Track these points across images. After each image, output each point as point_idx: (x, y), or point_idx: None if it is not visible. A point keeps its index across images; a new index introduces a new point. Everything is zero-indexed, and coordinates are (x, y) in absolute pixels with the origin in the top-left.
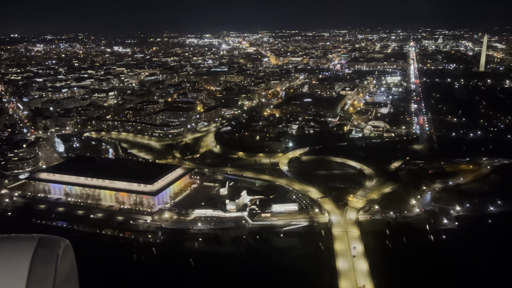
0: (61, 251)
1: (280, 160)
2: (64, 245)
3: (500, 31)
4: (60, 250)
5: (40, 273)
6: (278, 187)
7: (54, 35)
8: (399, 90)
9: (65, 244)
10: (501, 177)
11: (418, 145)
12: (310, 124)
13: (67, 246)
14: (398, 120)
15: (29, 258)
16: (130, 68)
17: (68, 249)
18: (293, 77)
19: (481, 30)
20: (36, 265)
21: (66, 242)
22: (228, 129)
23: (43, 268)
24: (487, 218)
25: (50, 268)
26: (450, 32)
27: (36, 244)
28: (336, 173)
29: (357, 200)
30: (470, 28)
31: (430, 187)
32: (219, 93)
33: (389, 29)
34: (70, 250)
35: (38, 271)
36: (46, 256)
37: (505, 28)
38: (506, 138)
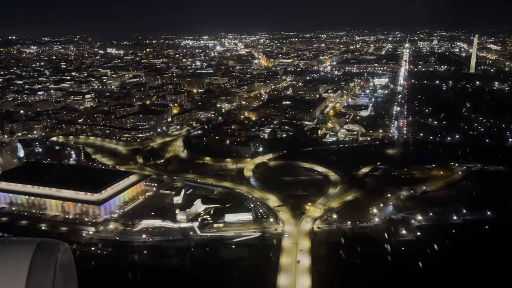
0: (60, 254)
1: (246, 165)
2: (63, 248)
3: (498, 32)
4: (59, 254)
5: (39, 277)
6: (237, 194)
7: (53, 37)
8: (384, 92)
9: (64, 247)
10: (472, 184)
11: (393, 150)
12: (284, 127)
13: (66, 249)
14: (377, 123)
15: (28, 261)
16: (114, 70)
17: (67, 253)
18: (279, 79)
19: (479, 32)
20: (35, 268)
21: (65, 245)
22: (198, 133)
23: (42, 272)
24: (451, 227)
25: (49, 271)
26: (448, 33)
27: (35, 247)
28: (301, 179)
29: (314, 209)
30: (468, 30)
31: (396, 195)
32: (198, 96)
33: (387, 30)
34: (69, 254)
35: (37, 274)
36: (45, 259)
37: (503, 29)
38: (483, 142)
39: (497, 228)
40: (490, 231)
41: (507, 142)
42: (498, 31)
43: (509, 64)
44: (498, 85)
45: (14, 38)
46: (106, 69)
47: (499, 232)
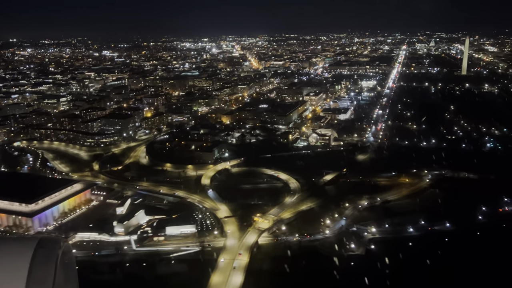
0: (60, 251)
1: (206, 172)
2: (64, 246)
3: (498, 34)
4: (60, 251)
5: (40, 273)
6: (188, 204)
7: (54, 39)
8: (370, 95)
9: (65, 245)
10: (439, 192)
11: (364, 155)
12: (256, 132)
13: (67, 247)
14: (354, 127)
15: (29, 258)
16: (99, 72)
17: (68, 250)
18: (265, 81)
19: (480, 34)
20: (36, 265)
21: (66, 243)
22: (165, 137)
23: (43, 268)
24: (407, 240)
25: (50, 268)
26: (448, 35)
27: (36, 244)
28: (261, 187)
29: (262, 220)
30: (468, 32)
31: (355, 204)
32: (176, 99)
33: (387, 32)
34: (69, 251)
35: (38, 271)
36: (46, 256)
37: (504, 31)
38: (459, 148)
39: (457, 240)
40: (448, 243)
41: (484, 147)
42: (498, 32)
43: (502, 66)
44: (488, 88)
45: (15, 41)
46: (93, 71)
47: (458, 244)
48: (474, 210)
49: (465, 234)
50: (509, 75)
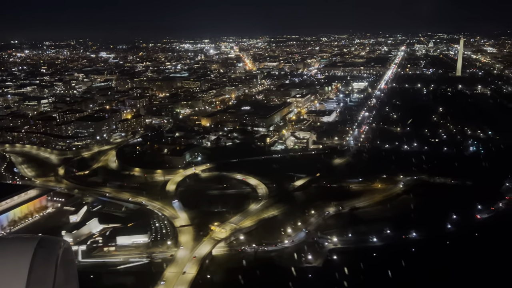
0: (61, 251)
1: (174, 178)
2: (64, 246)
3: (500, 34)
4: (60, 251)
5: (40, 273)
6: (147, 212)
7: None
8: (359, 97)
9: (65, 245)
10: (412, 198)
11: (342, 159)
12: (233, 135)
13: (67, 247)
14: (336, 130)
15: (29, 258)
16: (88, 74)
17: (68, 250)
18: (255, 83)
19: (481, 34)
20: (36, 265)
21: (66, 243)
22: (138, 141)
23: (43, 268)
24: (371, 250)
25: (50, 268)
26: (449, 36)
27: (37, 244)
28: (228, 193)
29: (219, 230)
30: (470, 33)
31: (322, 211)
32: (159, 100)
33: (389, 33)
34: (70, 251)
35: (38, 271)
36: (46, 256)
37: (506, 32)
38: (440, 151)
39: (424, 250)
40: (415, 253)
41: (466, 151)
42: (500, 33)
43: (499, 67)
44: (481, 89)
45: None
46: (85, 73)
47: (425, 255)
48: (446, 218)
49: (434, 243)
50: (504, 76)
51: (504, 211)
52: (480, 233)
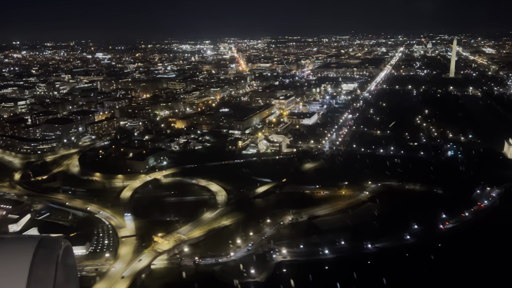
0: (61, 251)
1: (132, 183)
2: (65, 245)
3: (502, 35)
4: (61, 251)
5: (40, 273)
6: (95, 220)
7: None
8: (346, 98)
9: (66, 244)
10: (377, 206)
11: (313, 163)
12: (205, 138)
13: (67, 246)
14: (314, 133)
15: (30, 258)
16: (74, 75)
17: (69, 250)
18: (242, 84)
19: (482, 35)
20: (37, 264)
21: (66, 242)
22: (105, 144)
23: (43, 268)
24: (323, 263)
25: (51, 268)
26: (450, 37)
27: (37, 244)
28: (186, 200)
29: (162, 241)
30: (472, 34)
31: (279, 220)
32: (141, 101)
33: (392, 34)
34: (70, 251)
35: (38, 270)
36: (46, 256)
37: (507, 33)
38: (416, 155)
39: (380, 263)
40: (370, 266)
41: (444, 156)
42: (502, 34)
43: (494, 68)
44: (472, 91)
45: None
46: (74, 73)
47: (380, 268)
48: (407, 228)
49: (392, 256)
50: (498, 77)
51: (471, 220)
52: (443, 244)
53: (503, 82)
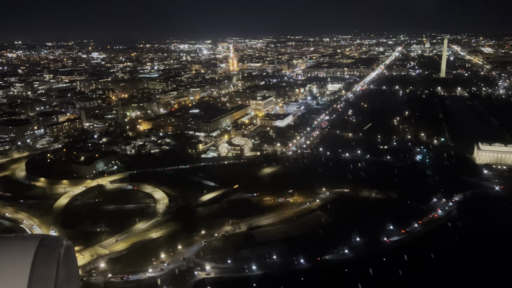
0: (62, 250)
1: (74, 189)
2: (66, 244)
3: (504, 35)
4: (62, 250)
5: (42, 272)
6: (18, 231)
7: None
8: (329, 99)
9: (67, 243)
10: (327, 214)
11: (273, 168)
12: (164, 141)
13: (68, 245)
14: (284, 135)
15: (31, 257)
16: (57, 74)
17: (70, 249)
18: (225, 84)
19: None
20: (38, 264)
21: (68, 242)
22: (59, 146)
23: (45, 267)
24: (250, 281)
25: (52, 267)
26: (452, 36)
27: (38, 243)
28: (126, 208)
29: (77, 255)
30: (474, 33)
31: (216, 230)
32: (115, 102)
33: (395, 33)
34: (71, 250)
35: (40, 269)
36: (48, 255)
37: (510, 32)
38: (381, 161)
39: (315, 279)
40: (303, 284)
41: (411, 160)
42: (504, 34)
43: (487, 68)
44: (460, 91)
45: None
46: (60, 73)
47: (314, 285)
48: (349, 241)
49: (328, 272)
50: (490, 77)
51: (420, 232)
52: (389, 259)
53: (494, 82)
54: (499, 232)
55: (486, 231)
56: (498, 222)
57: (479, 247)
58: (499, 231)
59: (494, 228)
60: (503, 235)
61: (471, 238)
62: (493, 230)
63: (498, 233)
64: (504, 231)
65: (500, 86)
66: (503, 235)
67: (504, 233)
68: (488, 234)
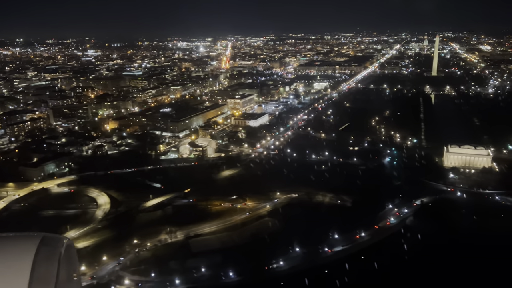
0: (63, 249)
1: (18, 192)
2: (67, 243)
3: (506, 33)
4: (63, 248)
5: (43, 270)
6: None
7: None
8: (311, 98)
9: (68, 242)
10: (273, 222)
11: (233, 171)
12: (125, 141)
13: (69, 244)
14: (255, 136)
15: (32, 255)
16: (40, 72)
17: (71, 248)
18: (211, 82)
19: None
20: (39, 262)
21: (68, 240)
22: (11, 148)
23: (45, 265)
24: None
25: (53, 265)
26: (454, 34)
27: (39, 242)
28: (66, 214)
29: None
30: (476, 31)
31: (151, 240)
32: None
33: (397, 31)
34: (72, 249)
35: (41, 268)
36: (48, 254)
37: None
38: (347, 163)
39: None
40: None
41: (378, 162)
42: (506, 31)
43: (481, 67)
44: (448, 90)
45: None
46: (47, 71)
47: None
48: (290, 252)
49: (262, 286)
50: (483, 75)
51: (368, 242)
52: (332, 271)
53: (485, 81)
54: (454, 242)
55: (438, 242)
56: (455, 230)
57: (430, 258)
58: (454, 240)
59: (448, 237)
60: (458, 245)
61: (422, 248)
62: (445, 241)
63: (453, 243)
64: (460, 240)
65: (490, 85)
66: (458, 245)
67: (460, 243)
68: (440, 245)
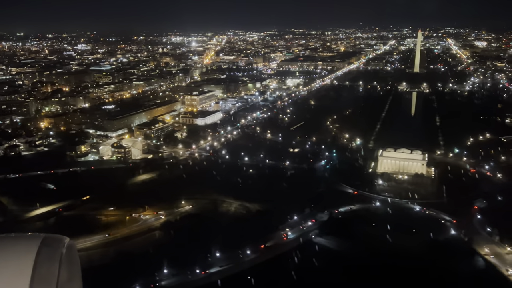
0: (64, 249)
1: None
2: (68, 244)
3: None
4: (64, 249)
5: (44, 271)
6: None
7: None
8: (277, 95)
9: (69, 243)
10: (162, 235)
11: (150, 175)
12: (47, 141)
13: (70, 245)
14: (197, 135)
15: (33, 256)
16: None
17: (72, 248)
18: (181, 77)
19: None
20: (40, 263)
21: (69, 241)
22: None
23: (47, 266)
24: None
25: (54, 266)
26: (455, 30)
27: (40, 242)
28: None
29: None
30: (478, 27)
31: None
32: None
33: (399, 27)
34: (73, 249)
35: (42, 269)
36: (50, 254)
37: None
38: (277, 166)
39: None
40: None
41: (309, 166)
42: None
43: (467, 63)
44: (424, 87)
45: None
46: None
47: None
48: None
49: None
50: (466, 72)
51: (253, 261)
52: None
53: (466, 77)
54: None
55: (336, 262)
56: (358, 248)
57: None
58: (354, 259)
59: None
60: (356, 267)
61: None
62: (344, 260)
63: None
64: (360, 261)
65: (468, 82)
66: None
67: (358, 264)
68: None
